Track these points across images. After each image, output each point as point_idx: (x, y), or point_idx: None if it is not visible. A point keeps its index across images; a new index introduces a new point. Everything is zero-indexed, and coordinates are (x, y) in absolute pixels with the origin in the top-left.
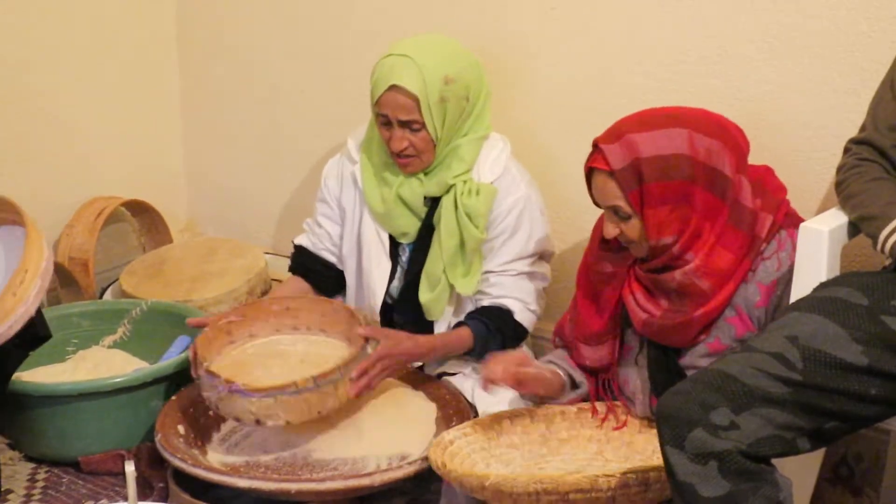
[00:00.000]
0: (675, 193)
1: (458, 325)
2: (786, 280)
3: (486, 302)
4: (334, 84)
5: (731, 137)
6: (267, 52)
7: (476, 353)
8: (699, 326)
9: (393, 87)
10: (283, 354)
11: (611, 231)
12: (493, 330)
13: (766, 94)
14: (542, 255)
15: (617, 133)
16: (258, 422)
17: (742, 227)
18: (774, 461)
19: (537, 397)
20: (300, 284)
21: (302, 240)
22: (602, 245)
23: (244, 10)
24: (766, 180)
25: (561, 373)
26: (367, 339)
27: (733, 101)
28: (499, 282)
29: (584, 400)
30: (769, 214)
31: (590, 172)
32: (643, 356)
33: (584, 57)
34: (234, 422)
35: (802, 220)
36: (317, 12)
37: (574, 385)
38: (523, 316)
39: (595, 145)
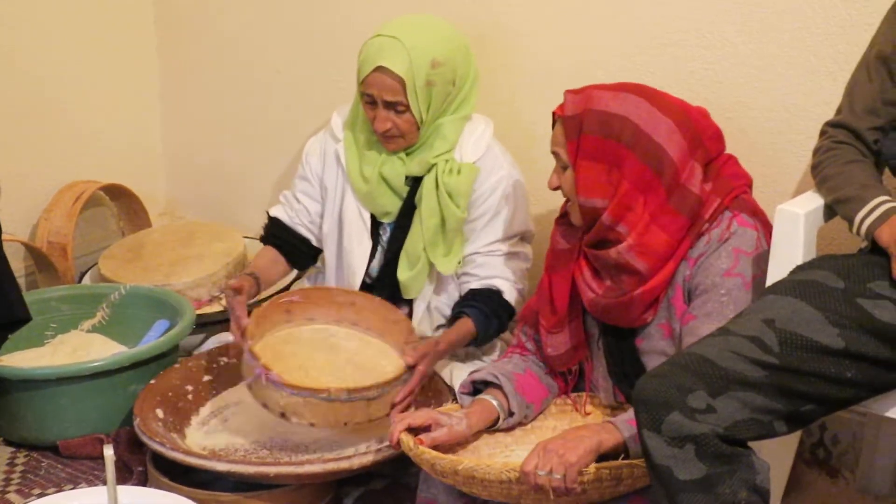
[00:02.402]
0: (607, 153)
1: (457, 315)
2: (706, 256)
3: (474, 284)
4: (315, 64)
5: (690, 123)
6: (246, 32)
7: (478, 340)
8: (641, 306)
9: (379, 69)
10: (334, 348)
11: (553, 181)
12: (490, 315)
13: (744, 76)
14: (523, 236)
15: (586, 87)
16: (283, 416)
17: (683, 211)
18: (751, 444)
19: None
20: (273, 255)
21: (278, 212)
22: (559, 220)
23: None
24: (724, 168)
25: (493, 402)
26: (408, 371)
27: (711, 84)
28: (486, 262)
29: (519, 424)
30: (717, 198)
31: (554, 120)
32: (602, 342)
33: (567, 39)
34: (262, 408)
35: (755, 207)
36: None
37: (510, 413)
38: (511, 295)
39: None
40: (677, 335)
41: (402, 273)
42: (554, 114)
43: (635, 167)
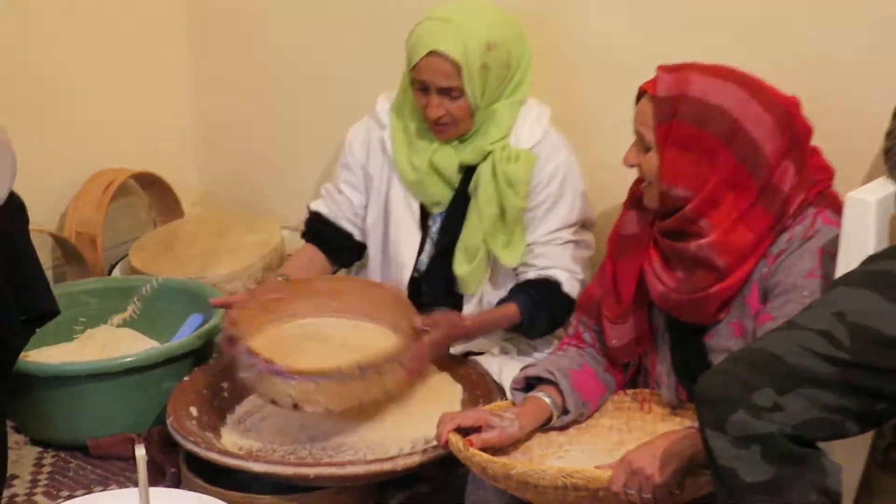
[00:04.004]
0: (701, 145)
1: (503, 300)
2: (788, 254)
3: (531, 274)
4: (356, 49)
5: (789, 121)
6: (283, 12)
7: (524, 327)
8: (717, 303)
9: (433, 53)
10: (324, 338)
11: (630, 157)
12: (541, 303)
13: (811, 58)
14: (584, 224)
15: (681, 66)
16: (296, 406)
17: (771, 211)
18: (821, 445)
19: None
20: (314, 254)
21: (319, 206)
22: (629, 202)
23: None
24: (808, 159)
25: (547, 401)
26: (416, 334)
27: (780, 66)
28: (544, 252)
29: (574, 423)
30: (802, 192)
31: (640, 94)
32: (668, 336)
33: (625, 19)
34: (270, 404)
35: (839, 203)
36: None
37: (564, 412)
38: (571, 286)
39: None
40: (749, 334)
41: (460, 267)
42: (641, 89)
43: (729, 163)
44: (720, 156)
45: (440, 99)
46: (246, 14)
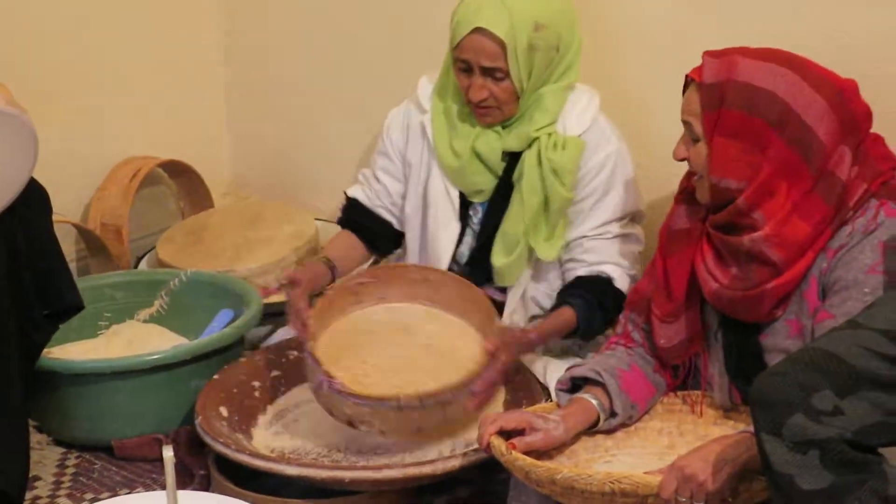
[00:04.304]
0: (751, 132)
1: (558, 304)
2: (849, 248)
3: (582, 271)
4: (393, 31)
5: (844, 104)
6: (316, 4)
7: (580, 332)
8: (772, 301)
9: (477, 30)
10: (409, 330)
11: (680, 151)
12: (596, 305)
13: (872, 40)
14: (634, 217)
15: (727, 51)
16: (350, 423)
17: (829, 201)
18: (883, 451)
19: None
20: (351, 240)
21: (356, 192)
22: (679, 196)
23: None
24: (872, 149)
25: (594, 402)
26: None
27: (840, 49)
28: (594, 247)
29: (622, 426)
30: (863, 183)
31: (687, 82)
32: (721, 335)
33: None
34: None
35: None
36: None
37: (612, 414)
38: (623, 282)
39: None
40: (807, 333)
41: (498, 258)
42: (688, 77)
43: (781, 150)
44: (771, 143)
45: (483, 80)
46: (280, 1)
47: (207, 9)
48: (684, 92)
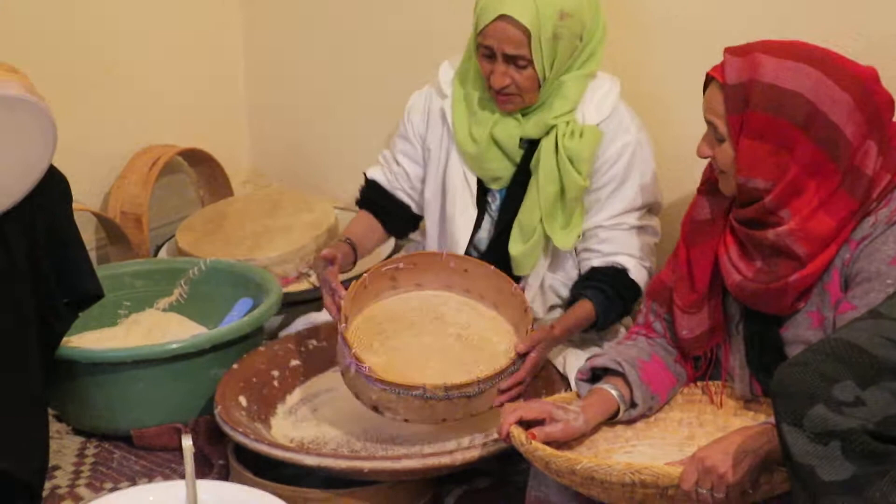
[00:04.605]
0: (778, 133)
1: (576, 296)
2: (872, 238)
3: (596, 261)
4: (413, 18)
5: (869, 98)
6: None
7: (598, 324)
8: (795, 293)
9: (502, 17)
10: (443, 319)
11: (704, 149)
12: (613, 297)
13: (891, 31)
14: (651, 208)
15: (748, 48)
16: (376, 409)
17: (854, 195)
18: None
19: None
20: (370, 221)
21: (376, 174)
22: (703, 186)
23: None
24: (894, 139)
25: (614, 393)
26: (513, 362)
27: (857, 40)
28: (610, 237)
29: (642, 416)
30: (887, 174)
31: (708, 80)
32: (742, 326)
33: None
34: (354, 397)
35: None
36: None
37: (632, 405)
38: (638, 274)
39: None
40: (829, 325)
41: (514, 247)
42: (708, 75)
43: (808, 150)
44: (798, 143)
45: (506, 67)
46: None
47: (228, 1)
48: (705, 90)
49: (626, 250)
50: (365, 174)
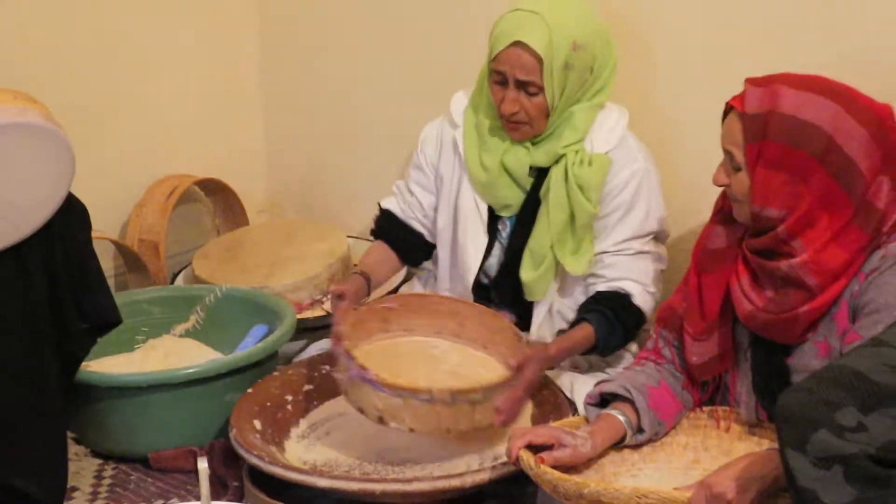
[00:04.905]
0: (794, 164)
1: (578, 320)
2: (881, 271)
3: (601, 286)
4: (423, 57)
5: (885, 134)
6: (353, 18)
7: (598, 349)
8: (806, 323)
9: (516, 44)
10: (435, 359)
11: (720, 178)
12: (614, 321)
13: None
14: (657, 236)
15: (769, 79)
16: (381, 420)
17: (867, 229)
18: None
19: None
20: (384, 251)
21: (390, 204)
22: (717, 215)
23: None
24: None
25: (621, 419)
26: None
27: (864, 68)
28: (614, 262)
29: (648, 441)
30: None
31: (727, 109)
32: (750, 353)
33: (707, 24)
34: (358, 413)
35: None
36: None
37: (639, 430)
38: (643, 299)
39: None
40: (835, 354)
41: (526, 273)
42: (728, 104)
43: (823, 182)
44: (814, 175)
45: (517, 94)
46: (316, 20)
47: (244, 32)
48: (724, 119)
49: (631, 276)
50: (379, 204)
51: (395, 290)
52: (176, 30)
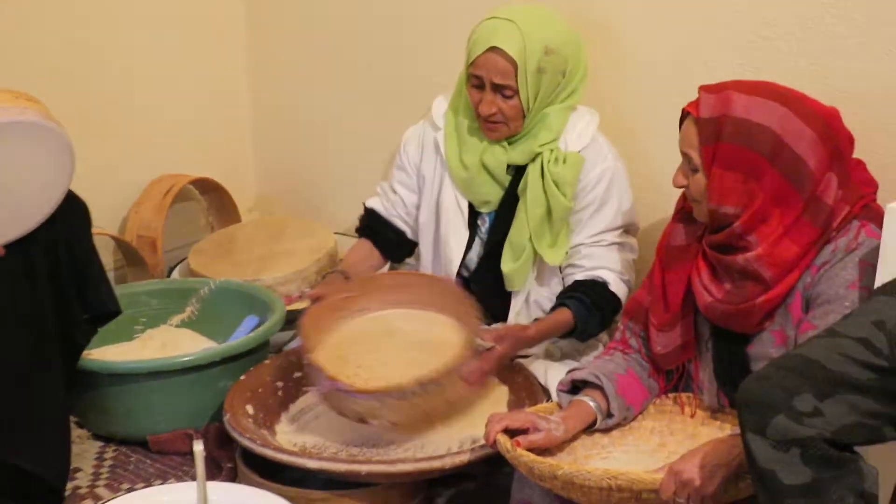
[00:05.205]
0: (747, 164)
1: (557, 305)
2: (831, 264)
3: (579, 275)
4: (409, 58)
5: (831, 133)
6: (338, 24)
7: (577, 332)
8: (761, 314)
9: (492, 49)
10: (392, 333)
11: (679, 180)
12: (592, 306)
13: (850, 71)
14: (628, 228)
15: (722, 86)
16: (363, 420)
17: (816, 223)
18: (859, 449)
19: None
20: (369, 250)
21: (374, 203)
22: (678, 215)
23: None
24: (854, 173)
25: (592, 405)
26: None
27: (817, 79)
28: (591, 253)
29: (617, 425)
30: (846, 205)
31: (683, 115)
32: (712, 343)
33: (670, 35)
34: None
35: (883, 216)
36: None
37: (609, 415)
38: (618, 286)
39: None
40: (791, 343)
41: (506, 264)
42: (684, 111)
43: (774, 180)
44: (766, 173)
45: (493, 96)
46: (304, 26)
47: (234, 44)
48: (681, 124)
49: (606, 265)
50: (364, 204)
51: None
52: (171, 43)
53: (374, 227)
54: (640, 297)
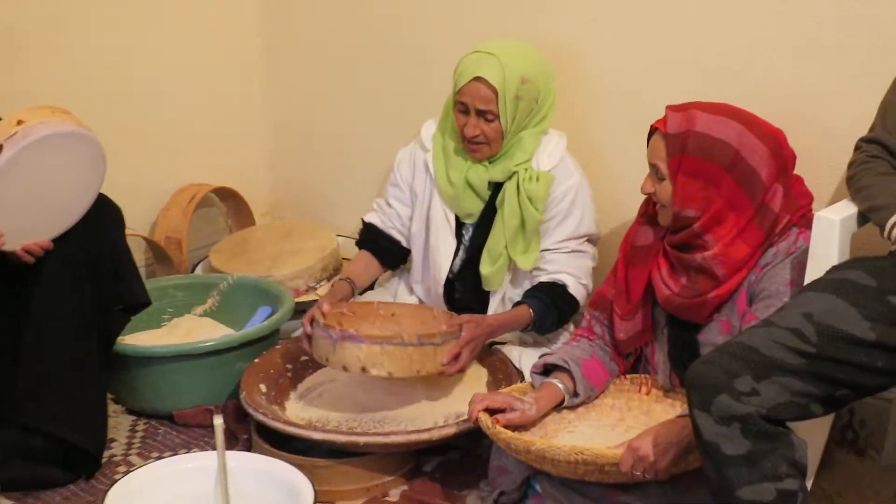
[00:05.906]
0: (708, 173)
1: (518, 303)
2: (773, 265)
3: (543, 278)
4: (404, 85)
5: (779, 150)
6: (346, 54)
7: (535, 327)
8: (713, 307)
9: (477, 79)
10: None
11: (647, 187)
12: (550, 305)
13: (787, 99)
14: (590, 238)
15: (686, 106)
16: (364, 369)
17: (763, 228)
18: (790, 424)
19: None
20: (369, 259)
21: (372, 218)
22: (642, 217)
23: (327, 10)
24: (794, 187)
25: (560, 387)
26: (459, 328)
27: (760, 106)
28: (554, 258)
29: (582, 404)
30: (787, 214)
31: (652, 131)
32: (667, 330)
33: (630, 65)
34: (342, 371)
35: None
36: (393, 13)
37: (575, 394)
38: (576, 289)
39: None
40: (735, 331)
41: (485, 268)
42: (653, 126)
43: (731, 188)
44: (724, 181)
45: (477, 120)
46: (312, 56)
47: (252, 70)
48: (649, 140)
49: (566, 269)
50: (363, 220)
51: (371, 286)
52: (194, 66)
53: (372, 238)
54: (605, 290)
